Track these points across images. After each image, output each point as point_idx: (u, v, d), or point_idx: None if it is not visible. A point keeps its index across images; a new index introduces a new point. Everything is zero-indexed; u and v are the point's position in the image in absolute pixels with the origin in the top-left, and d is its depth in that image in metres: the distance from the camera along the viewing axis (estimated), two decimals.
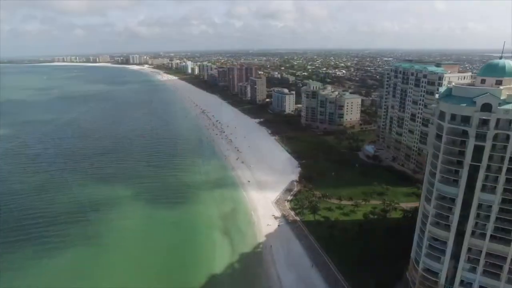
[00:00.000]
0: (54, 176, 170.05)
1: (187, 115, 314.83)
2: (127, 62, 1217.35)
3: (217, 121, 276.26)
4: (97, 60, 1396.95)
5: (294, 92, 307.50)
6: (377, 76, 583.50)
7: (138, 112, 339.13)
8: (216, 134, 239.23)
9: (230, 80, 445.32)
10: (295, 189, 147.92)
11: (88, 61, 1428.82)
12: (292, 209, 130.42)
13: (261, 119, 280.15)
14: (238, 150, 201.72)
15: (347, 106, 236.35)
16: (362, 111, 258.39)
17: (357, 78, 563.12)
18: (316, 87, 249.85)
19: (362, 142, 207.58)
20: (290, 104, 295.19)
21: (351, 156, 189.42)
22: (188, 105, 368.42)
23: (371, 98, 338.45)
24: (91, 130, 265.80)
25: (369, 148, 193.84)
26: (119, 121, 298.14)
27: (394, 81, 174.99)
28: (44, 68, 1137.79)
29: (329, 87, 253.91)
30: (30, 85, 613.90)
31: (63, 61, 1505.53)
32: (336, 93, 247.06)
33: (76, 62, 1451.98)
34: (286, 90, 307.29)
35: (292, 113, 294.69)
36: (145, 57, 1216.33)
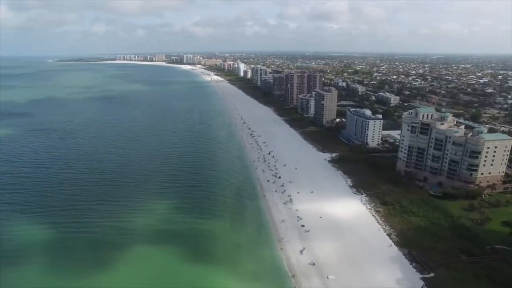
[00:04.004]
0: None
1: (230, 139, 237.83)
2: (180, 61, 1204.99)
3: (269, 153, 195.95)
4: (153, 59, 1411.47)
5: (381, 117, 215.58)
6: (468, 89, 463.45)
7: (168, 126, 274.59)
8: (268, 181, 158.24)
9: (287, 90, 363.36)
10: None
11: (145, 59, 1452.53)
12: None
13: (333, 155, 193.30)
14: (302, 225, 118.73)
15: (487, 152, 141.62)
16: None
17: (443, 91, 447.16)
18: (428, 115, 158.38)
19: None
20: (375, 134, 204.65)
21: None
22: (234, 120, 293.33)
23: (485, 126, 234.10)
24: (100, 151, 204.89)
25: None
26: (139, 139, 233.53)
27: None
28: (102, 66, 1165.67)
29: (450, 117, 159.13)
30: (77, 82, 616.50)
31: (123, 59, 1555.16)
32: (463, 128, 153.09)
33: (135, 60, 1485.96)
34: (367, 112, 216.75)
35: (378, 146, 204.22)
36: (198, 57, 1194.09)
